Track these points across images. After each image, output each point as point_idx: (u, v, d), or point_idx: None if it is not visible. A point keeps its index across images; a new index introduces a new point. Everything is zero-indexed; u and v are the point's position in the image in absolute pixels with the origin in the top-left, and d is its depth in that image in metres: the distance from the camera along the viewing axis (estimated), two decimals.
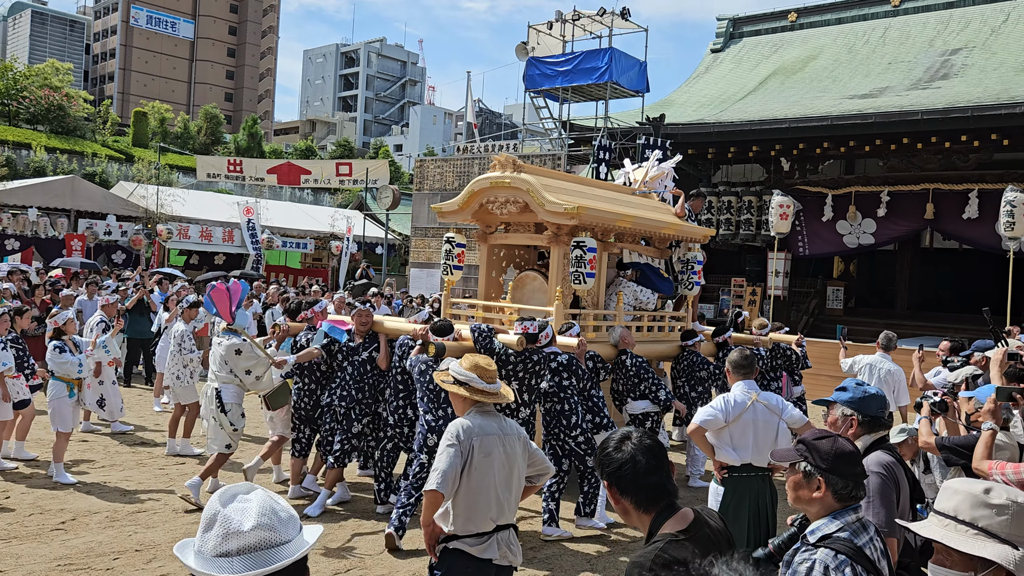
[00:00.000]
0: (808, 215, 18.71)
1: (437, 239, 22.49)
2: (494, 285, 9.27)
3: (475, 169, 21.71)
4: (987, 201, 16.26)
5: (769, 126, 17.73)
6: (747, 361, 5.19)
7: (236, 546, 1.74)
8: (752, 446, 4.96)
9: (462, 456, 3.86)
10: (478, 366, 4.03)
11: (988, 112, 15.29)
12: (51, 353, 8.14)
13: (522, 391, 6.94)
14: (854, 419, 3.60)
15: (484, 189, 8.43)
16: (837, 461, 2.66)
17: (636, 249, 9.44)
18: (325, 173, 30.92)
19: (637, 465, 2.49)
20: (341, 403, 7.46)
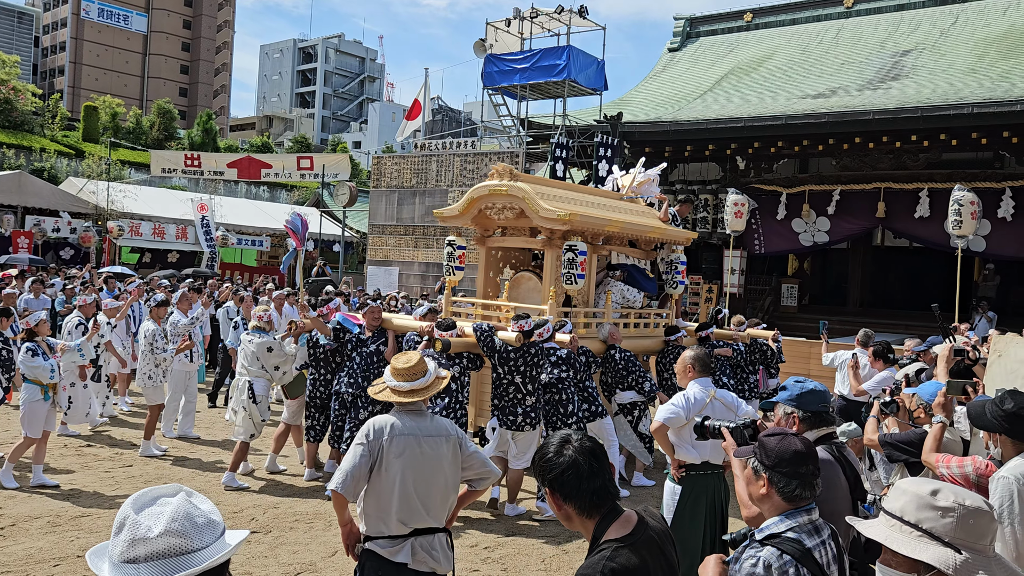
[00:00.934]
0: (763, 213, 18.91)
1: (395, 236, 22.33)
2: (492, 285, 9.89)
3: (432, 166, 21.60)
4: (937, 200, 16.57)
5: (725, 125, 17.87)
6: (707, 359, 5.21)
7: (143, 552, 1.68)
8: (710, 443, 4.93)
9: (370, 456, 3.74)
10: (394, 367, 3.94)
11: (937, 113, 15.56)
12: (23, 356, 7.86)
13: (524, 382, 7.51)
14: (795, 416, 3.62)
15: (483, 196, 9.02)
16: (780, 460, 2.64)
17: (623, 251, 10.02)
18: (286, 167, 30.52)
19: (580, 469, 2.44)
20: (348, 390, 8.06)
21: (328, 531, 6.75)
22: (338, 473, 3.73)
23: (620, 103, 22.96)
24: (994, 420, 3.56)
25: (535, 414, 7.57)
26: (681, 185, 20.33)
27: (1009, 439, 3.55)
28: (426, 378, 3.94)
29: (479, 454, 4.03)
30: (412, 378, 3.90)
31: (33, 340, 7.97)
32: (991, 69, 17.92)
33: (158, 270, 22.46)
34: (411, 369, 3.92)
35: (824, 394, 3.68)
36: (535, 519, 7.45)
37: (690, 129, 18.42)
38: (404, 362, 3.95)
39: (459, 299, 10.00)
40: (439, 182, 21.46)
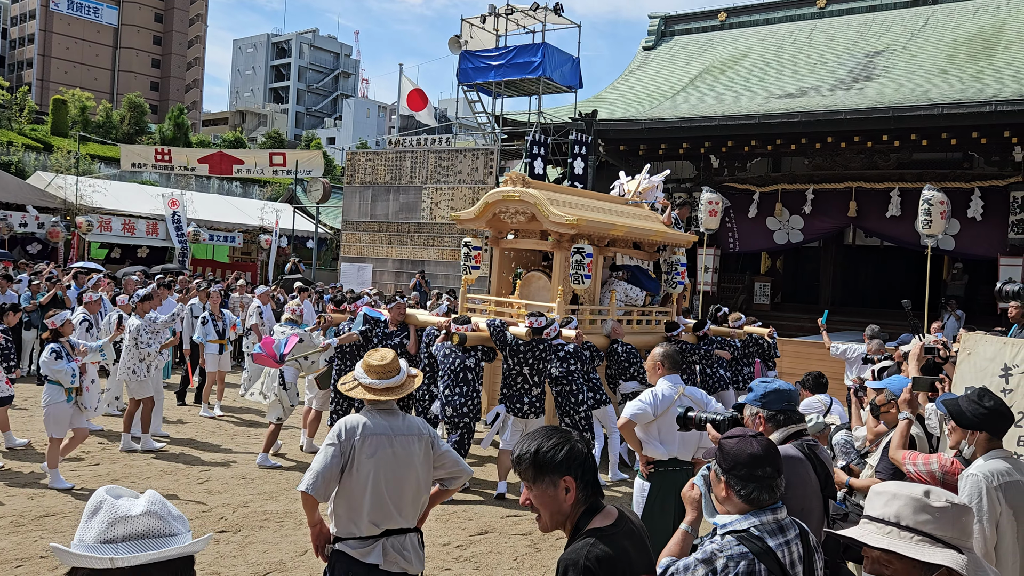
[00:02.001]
0: (737, 212, 19.01)
1: (368, 233, 22.20)
2: (505, 283, 10.70)
3: (407, 163, 21.49)
4: (907, 199, 16.73)
5: (698, 123, 17.93)
6: (677, 356, 5.22)
7: (123, 532, 1.65)
8: (678, 440, 4.98)
9: (341, 456, 3.69)
10: (368, 364, 3.87)
11: (908, 113, 15.71)
12: (46, 356, 7.73)
13: (531, 374, 8.14)
14: (760, 416, 3.60)
15: (497, 201, 9.76)
16: (736, 463, 2.61)
17: (627, 253, 10.74)
18: (258, 163, 30.22)
19: (592, 460, 2.54)
20: None
21: (298, 530, 6.68)
22: (308, 474, 3.67)
23: (595, 101, 22.96)
24: (975, 418, 3.58)
25: (540, 404, 8.19)
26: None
27: (987, 436, 3.57)
28: (399, 376, 3.89)
29: (451, 453, 3.98)
30: (387, 376, 3.85)
31: (57, 341, 7.85)
32: (960, 71, 18.14)
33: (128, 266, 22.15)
34: (386, 367, 3.86)
35: (790, 393, 3.67)
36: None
37: (664, 127, 18.46)
38: (379, 359, 3.88)
39: (474, 296, 10.64)
40: (413, 179, 21.37)
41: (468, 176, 20.38)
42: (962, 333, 5.67)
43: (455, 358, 8.24)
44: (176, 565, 1.69)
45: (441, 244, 20.75)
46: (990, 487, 3.39)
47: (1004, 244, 16.37)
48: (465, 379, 8.16)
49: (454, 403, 8.09)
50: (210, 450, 9.34)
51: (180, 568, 1.70)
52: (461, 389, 8.11)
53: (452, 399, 8.10)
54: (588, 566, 2.33)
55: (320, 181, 25.92)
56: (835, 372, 11.83)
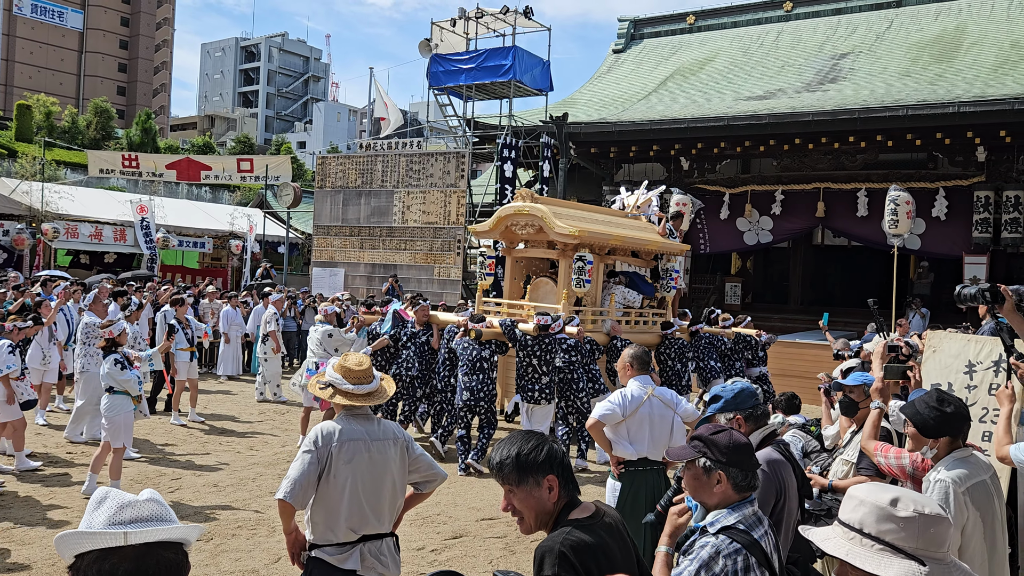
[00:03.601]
0: (708, 213, 19.16)
1: (340, 237, 22.09)
2: (516, 288, 11.91)
3: (378, 166, 21.43)
4: (874, 200, 16.96)
5: (668, 126, 18.07)
6: (646, 357, 5.24)
7: (131, 515, 1.73)
8: (648, 440, 5.00)
9: (318, 463, 3.67)
10: (344, 367, 3.84)
11: (873, 115, 15.94)
12: (111, 368, 7.74)
13: (540, 364, 9.35)
14: (738, 418, 3.61)
15: (509, 215, 11.13)
16: (736, 454, 2.71)
17: (627, 260, 12.00)
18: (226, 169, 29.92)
19: (564, 459, 2.58)
20: (408, 374, 10.28)
21: (271, 537, 6.63)
22: (285, 481, 3.65)
23: (566, 104, 23.05)
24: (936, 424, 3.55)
25: (549, 391, 9.40)
26: (626, 185, 20.44)
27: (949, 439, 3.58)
28: (376, 382, 3.88)
29: (425, 456, 3.99)
30: (366, 381, 3.84)
31: (115, 350, 7.88)
32: (924, 72, 18.42)
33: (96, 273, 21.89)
34: (365, 372, 3.85)
35: (755, 390, 3.71)
36: None
37: (635, 130, 18.58)
38: (356, 363, 3.86)
39: (489, 300, 11.87)
40: (385, 182, 21.31)
41: (440, 179, 20.37)
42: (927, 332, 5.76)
43: (472, 350, 9.53)
44: (179, 548, 1.76)
45: (413, 248, 20.70)
46: (958, 492, 3.40)
47: (968, 243, 16.64)
48: (481, 368, 9.47)
49: (472, 388, 9.39)
50: (181, 458, 9.25)
51: (182, 552, 1.77)
52: (478, 377, 9.42)
53: (471, 385, 9.40)
54: (563, 552, 2.35)
55: (291, 186, 25.76)
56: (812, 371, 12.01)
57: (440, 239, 20.28)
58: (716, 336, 11.95)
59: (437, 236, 20.34)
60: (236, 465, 8.99)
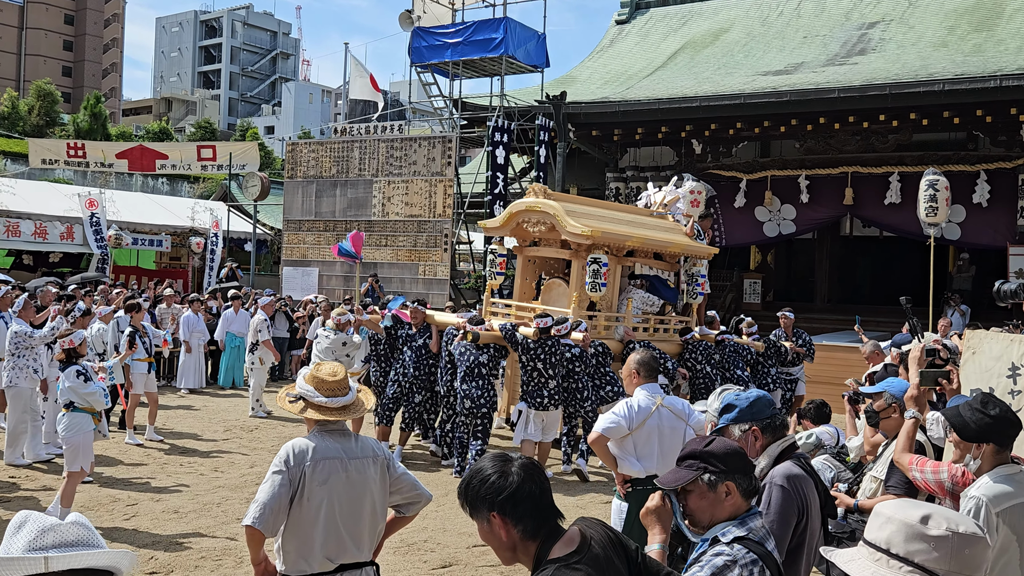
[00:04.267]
0: (723, 202, 19.16)
1: (313, 233, 22.08)
2: (527, 289, 12.20)
3: (355, 153, 21.42)
4: (908, 185, 16.96)
5: (678, 105, 18.08)
6: (655, 363, 5.25)
7: (53, 540, 1.75)
8: (658, 455, 4.99)
9: (290, 485, 3.67)
10: (316, 377, 3.84)
11: (906, 90, 15.96)
12: (74, 381, 7.70)
13: (546, 368, 9.66)
14: (754, 430, 3.60)
15: (520, 211, 11.43)
16: (734, 459, 2.80)
17: (648, 263, 12.26)
18: (185, 157, 29.83)
19: (532, 488, 2.50)
20: (405, 376, 10.68)
21: (239, 569, 6.64)
22: (253, 506, 3.64)
23: (563, 81, 23.07)
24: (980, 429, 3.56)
25: (557, 395, 9.75)
26: (632, 172, 20.52)
27: (994, 447, 3.59)
28: (352, 394, 3.88)
29: (408, 476, 3.99)
30: (341, 393, 3.84)
31: (76, 362, 7.85)
32: (962, 43, 18.47)
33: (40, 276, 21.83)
34: (340, 383, 3.85)
35: (769, 398, 3.71)
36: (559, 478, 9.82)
37: (641, 110, 18.59)
38: (330, 373, 3.86)
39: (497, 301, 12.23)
40: (363, 171, 21.30)
41: (424, 167, 20.37)
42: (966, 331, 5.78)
43: (470, 355, 9.90)
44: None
45: (396, 244, 20.70)
46: (991, 512, 3.40)
47: (1013, 232, 16.68)
48: (480, 373, 9.84)
49: (472, 395, 9.74)
50: (137, 481, 9.25)
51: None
52: (477, 383, 9.80)
53: (470, 392, 9.75)
54: None
55: (258, 176, 25.72)
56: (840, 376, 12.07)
57: (425, 234, 20.28)
58: (742, 345, 12.26)
59: (422, 230, 20.35)
60: (199, 488, 8.99)
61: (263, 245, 29.92)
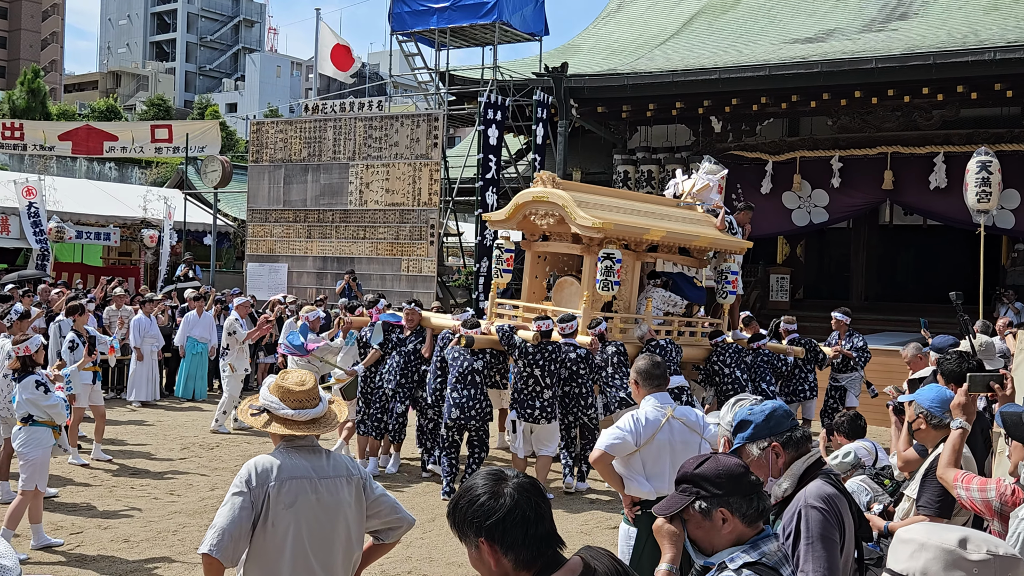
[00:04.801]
0: (746, 187, 19.19)
1: (281, 224, 22.07)
2: (537, 288, 12.35)
3: (328, 134, 21.40)
4: (955, 167, 16.96)
5: (695, 77, 18.07)
6: (658, 370, 5.25)
7: None
8: (670, 473, 4.96)
9: (252, 508, 3.66)
10: (281, 387, 3.84)
11: (953, 59, 15.96)
12: (33, 393, 7.78)
13: (543, 375, 9.82)
14: (775, 447, 3.58)
15: (527, 202, 11.50)
16: (731, 480, 2.77)
17: (671, 259, 12.32)
18: (137, 139, 29.80)
19: (525, 512, 2.47)
20: (389, 385, 10.86)
21: None
22: (211, 532, 3.64)
23: (565, 51, 23.07)
24: None
25: (551, 408, 9.88)
26: (643, 153, 20.51)
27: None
28: (323, 406, 3.88)
29: (387, 497, 3.99)
30: (309, 404, 3.83)
31: (33, 370, 7.94)
32: (1016, 5, 18.48)
33: None
34: (308, 393, 3.85)
35: (786, 409, 3.68)
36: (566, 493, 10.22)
37: (652, 83, 18.58)
38: (297, 383, 3.86)
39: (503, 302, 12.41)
40: (338, 154, 21.29)
41: (407, 149, 20.36)
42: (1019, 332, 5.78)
43: (463, 361, 10.02)
44: None
45: (375, 236, 20.69)
46: None
47: None
48: (473, 382, 9.96)
49: (461, 404, 9.87)
50: (82, 505, 9.24)
51: None
52: (469, 392, 9.91)
53: (460, 401, 9.88)
54: None
55: (218, 159, 25.69)
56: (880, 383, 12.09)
57: (408, 224, 20.28)
58: (776, 355, 12.42)
59: (405, 221, 20.34)
60: (152, 514, 8.97)
61: (225, 238, 29.91)
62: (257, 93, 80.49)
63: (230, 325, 13.86)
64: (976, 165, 14.92)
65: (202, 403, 15.55)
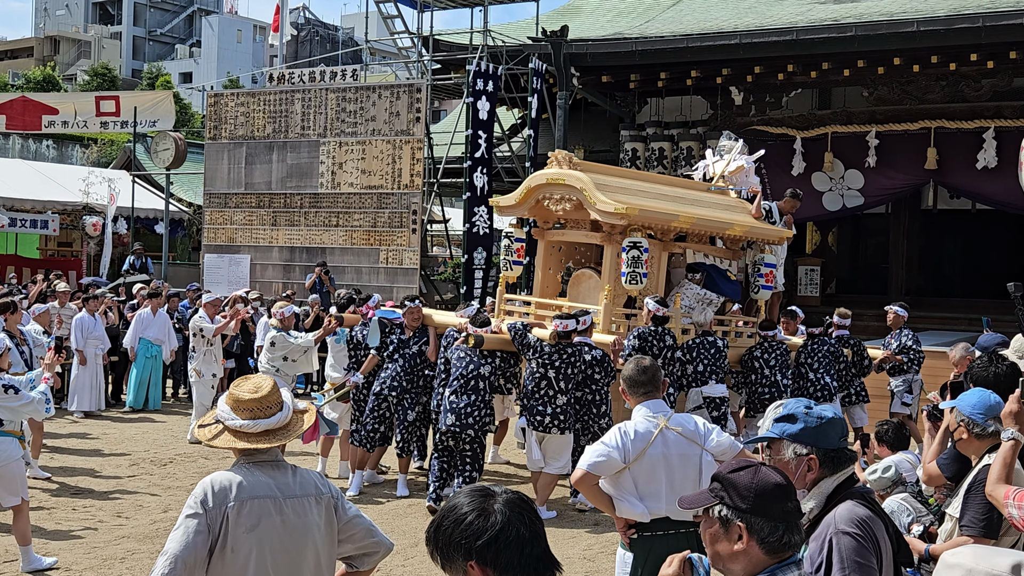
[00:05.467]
0: (772, 167, 19.16)
1: (243, 210, 22.02)
2: (551, 281, 12.46)
3: (296, 107, 21.36)
4: (1007, 143, 16.94)
5: (713, 42, 18.06)
6: (645, 376, 5.25)
7: None
8: (666, 491, 5.02)
9: (208, 531, 3.65)
10: (233, 396, 3.84)
11: (1005, 21, 15.94)
12: (5, 396, 7.89)
13: (557, 379, 9.85)
14: (811, 459, 3.56)
15: (540, 185, 11.59)
16: (761, 498, 2.74)
17: (702, 249, 12.48)
18: (80, 112, 29.75)
19: (519, 531, 2.49)
20: (392, 392, 10.79)
21: None
22: (162, 559, 3.63)
23: (565, 13, 23.08)
24: None
25: (564, 417, 9.93)
26: (654, 129, 20.50)
27: None
28: (283, 413, 3.87)
29: (362, 519, 3.99)
30: (265, 413, 3.83)
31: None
32: None
33: None
34: (263, 401, 3.84)
35: (843, 422, 3.67)
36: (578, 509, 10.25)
37: (664, 49, 18.58)
38: (251, 390, 3.86)
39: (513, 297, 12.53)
40: (307, 129, 21.25)
41: (386, 124, 20.33)
42: None
43: (468, 363, 10.05)
44: None
45: (349, 223, 20.66)
46: None
47: None
48: (476, 387, 9.97)
49: (458, 411, 9.86)
50: None
51: None
52: (469, 398, 9.91)
53: (457, 406, 9.87)
54: None
55: (171, 136, 25.64)
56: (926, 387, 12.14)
57: (388, 210, 20.26)
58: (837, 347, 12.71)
59: (383, 206, 20.32)
60: (97, 539, 8.96)
61: (179, 226, 29.86)
62: (215, 61, 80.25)
63: (195, 323, 13.86)
64: None
65: (154, 413, 15.52)
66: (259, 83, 50.85)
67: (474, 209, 19.83)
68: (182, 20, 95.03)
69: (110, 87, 50.22)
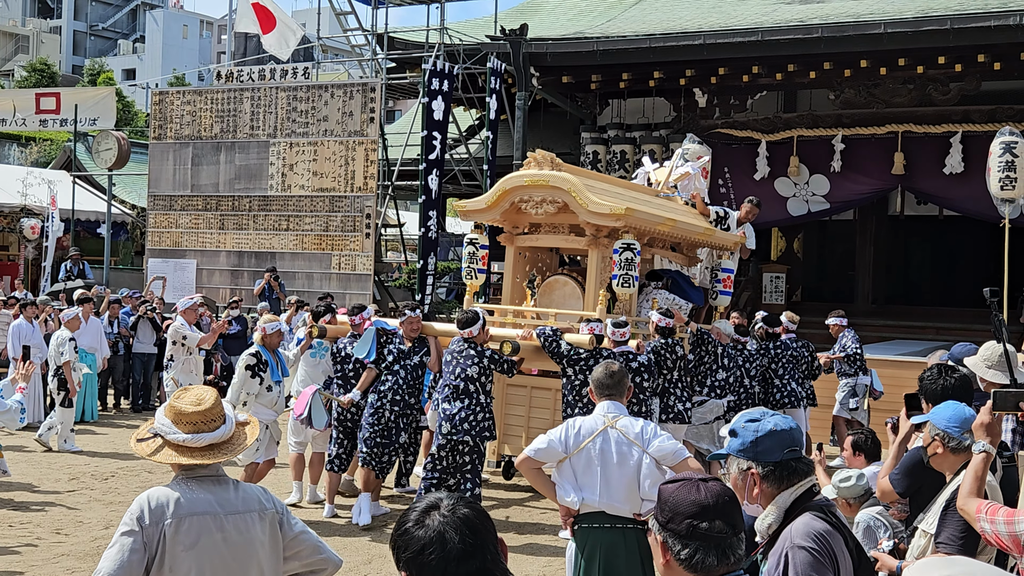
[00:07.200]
0: (735, 171, 19.29)
1: (189, 213, 21.89)
2: (519, 290, 12.42)
3: (245, 105, 21.27)
4: (975, 148, 17.09)
5: (676, 43, 18.13)
6: (611, 379, 5.63)
7: None
8: (600, 485, 5.39)
9: (144, 550, 3.64)
10: (174, 407, 3.81)
11: (974, 24, 16.08)
12: None
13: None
14: (753, 473, 3.57)
15: (519, 187, 11.40)
16: (673, 514, 2.79)
17: (666, 255, 12.70)
18: (18, 109, 29.50)
19: (446, 546, 2.49)
20: (394, 408, 10.38)
21: None
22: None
23: (524, 11, 23.12)
24: None
25: None
26: (615, 131, 20.58)
27: None
28: (226, 427, 3.85)
29: (309, 535, 3.98)
30: (208, 427, 3.81)
31: None
32: None
33: None
34: (205, 413, 3.82)
35: (791, 433, 3.60)
36: None
37: (627, 49, 18.63)
38: (193, 402, 3.83)
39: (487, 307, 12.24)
40: (256, 129, 21.17)
41: (338, 124, 20.29)
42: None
43: (455, 366, 9.88)
44: None
45: (300, 227, 20.59)
46: None
47: None
48: (466, 391, 9.75)
49: (452, 417, 9.66)
50: None
51: None
52: (462, 402, 9.69)
53: (451, 413, 9.67)
54: None
55: (113, 136, 25.45)
56: None
57: (340, 213, 20.21)
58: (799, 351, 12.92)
59: (336, 209, 20.27)
60: (35, 557, 8.89)
61: (121, 229, 29.64)
62: (159, 57, 79.72)
63: (176, 332, 13.66)
64: (999, 147, 15.07)
65: (93, 425, 15.37)
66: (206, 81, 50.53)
67: (429, 213, 19.84)
68: (125, 14, 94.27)
69: (49, 84, 49.72)
